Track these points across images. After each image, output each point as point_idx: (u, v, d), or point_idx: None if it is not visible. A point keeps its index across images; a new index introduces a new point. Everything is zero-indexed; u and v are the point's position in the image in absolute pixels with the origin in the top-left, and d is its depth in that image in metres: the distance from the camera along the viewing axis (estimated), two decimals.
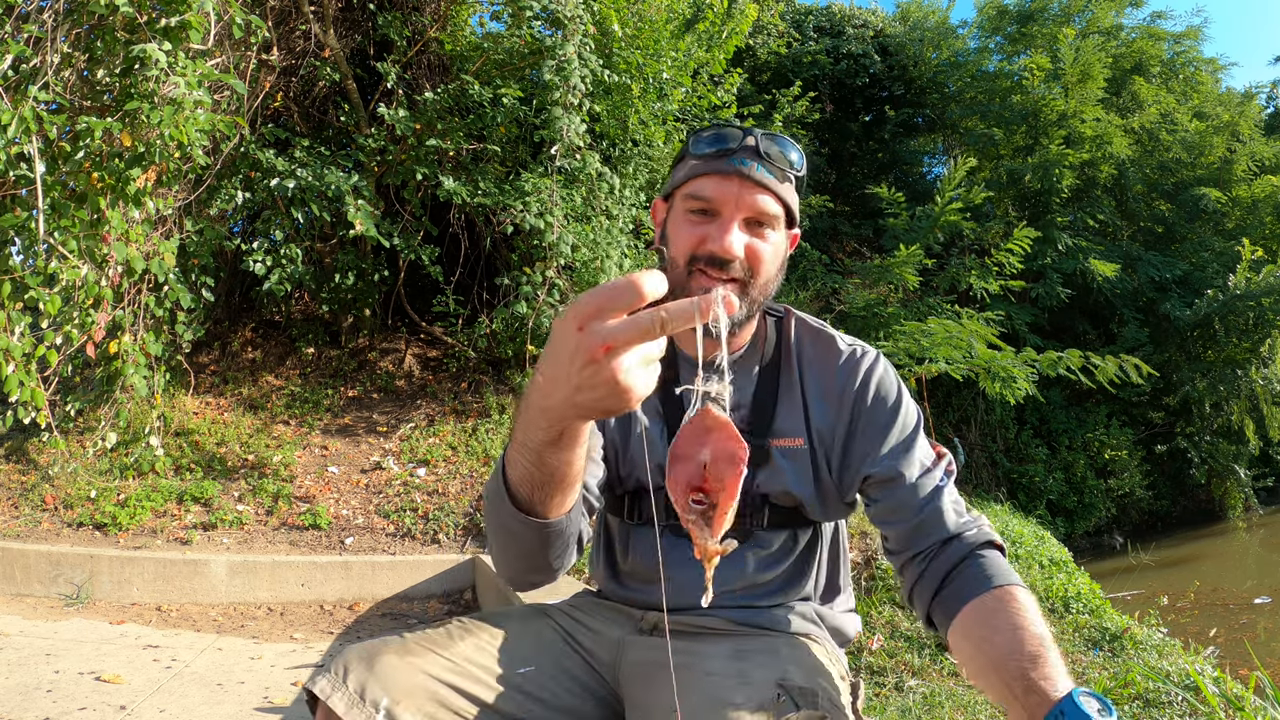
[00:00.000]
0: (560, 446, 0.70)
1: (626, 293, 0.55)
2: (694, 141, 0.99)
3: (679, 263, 0.98)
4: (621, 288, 0.55)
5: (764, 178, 0.95)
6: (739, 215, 0.95)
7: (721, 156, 0.96)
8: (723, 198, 0.95)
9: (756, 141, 0.96)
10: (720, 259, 0.94)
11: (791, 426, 1.02)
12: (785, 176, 0.97)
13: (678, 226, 0.99)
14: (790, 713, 0.84)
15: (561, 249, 4.22)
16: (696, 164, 0.98)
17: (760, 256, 0.96)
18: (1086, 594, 3.49)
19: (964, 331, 5.09)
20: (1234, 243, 8.18)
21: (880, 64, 9.37)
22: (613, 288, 0.55)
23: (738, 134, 0.97)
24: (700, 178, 0.97)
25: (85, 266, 3.05)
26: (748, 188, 0.95)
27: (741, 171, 0.95)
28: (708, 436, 0.59)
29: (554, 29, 4.48)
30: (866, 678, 2.55)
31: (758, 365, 1.05)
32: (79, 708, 2.26)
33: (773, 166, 0.96)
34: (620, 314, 0.56)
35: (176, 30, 3.03)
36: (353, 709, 0.83)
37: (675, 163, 1.04)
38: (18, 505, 3.75)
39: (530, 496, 0.78)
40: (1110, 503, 7.62)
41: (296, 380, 5.09)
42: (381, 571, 3.52)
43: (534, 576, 0.91)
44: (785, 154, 0.97)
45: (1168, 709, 2.31)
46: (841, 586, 1.12)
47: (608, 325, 0.56)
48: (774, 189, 0.96)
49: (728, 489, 0.58)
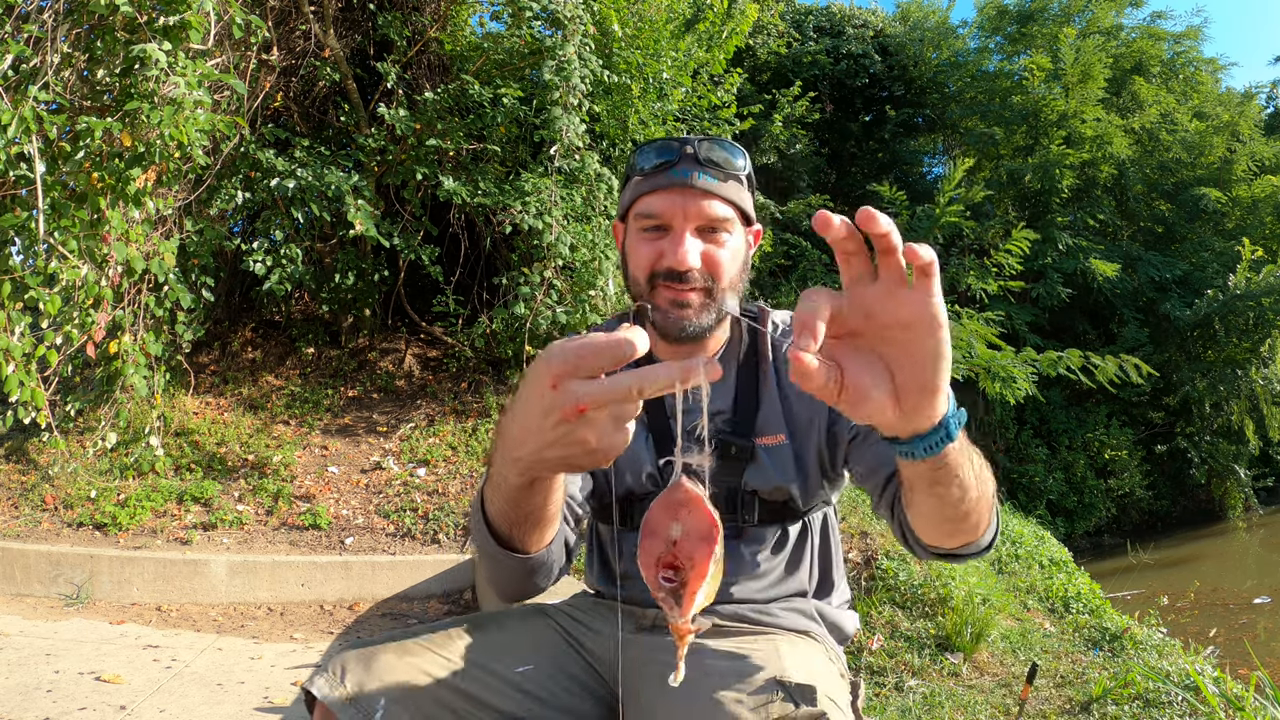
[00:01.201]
0: (534, 491, 0.70)
1: (608, 353, 0.52)
2: (637, 158, 1.01)
3: (640, 281, 0.99)
4: (602, 347, 0.52)
5: (707, 184, 0.96)
6: (689, 225, 0.96)
7: (662, 170, 0.97)
8: (670, 211, 0.97)
9: (696, 150, 0.97)
10: (677, 272, 0.96)
11: (773, 424, 1.03)
12: (729, 177, 0.98)
13: (634, 246, 1.01)
14: (789, 710, 0.84)
15: (560, 249, 4.22)
16: (640, 181, 1.00)
17: (718, 262, 0.98)
18: (1086, 594, 3.49)
19: (964, 331, 5.09)
20: (1234, 243, 8.18)
21: (880, 64, 9.37)
22: (593, 345, 0.52)
23: (676, 146, 0.98)
24: (647, 195, 0.99)
25: (85, 266, 3.05)
26: (693, 197, 0.96)
27: (685, 182, 0.96)
28: (680, 512, 0.57)
29: (554, 29, 4.48)
30: (866, 678, 2.55)
31: (735, 367, 1.07)
32: (79, 708, 2.26)
33: (716, 171, 0.97)
34: (598, 373, 0.53)
35: (176, 30, 3.03)
36: (350, 709, 0.83)
37: (624, 183, 1.05)
38: (18, 505, 3.75)
39: (509, 533, 0.78)
40: (1110, 503, 7.63)
41: (296, 380, 5.09)
42: (381, 571, 3.52)
43: (521, 595, 0.92)
44: (728, 156, 0.98)
45: (1168, 709, 2.31)
46: (836, 581, 1.12)
47: (583, 387, 0.53)
48: (719, 193, 0.97)
49: (698, 567, 0.55)
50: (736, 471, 1.03)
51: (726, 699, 0.85)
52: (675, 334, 0.98)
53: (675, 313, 0.97)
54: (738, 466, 1.02)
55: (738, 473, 1.03)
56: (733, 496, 1.03)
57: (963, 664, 2.64)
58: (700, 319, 0.98)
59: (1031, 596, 3.52)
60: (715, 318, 0.99)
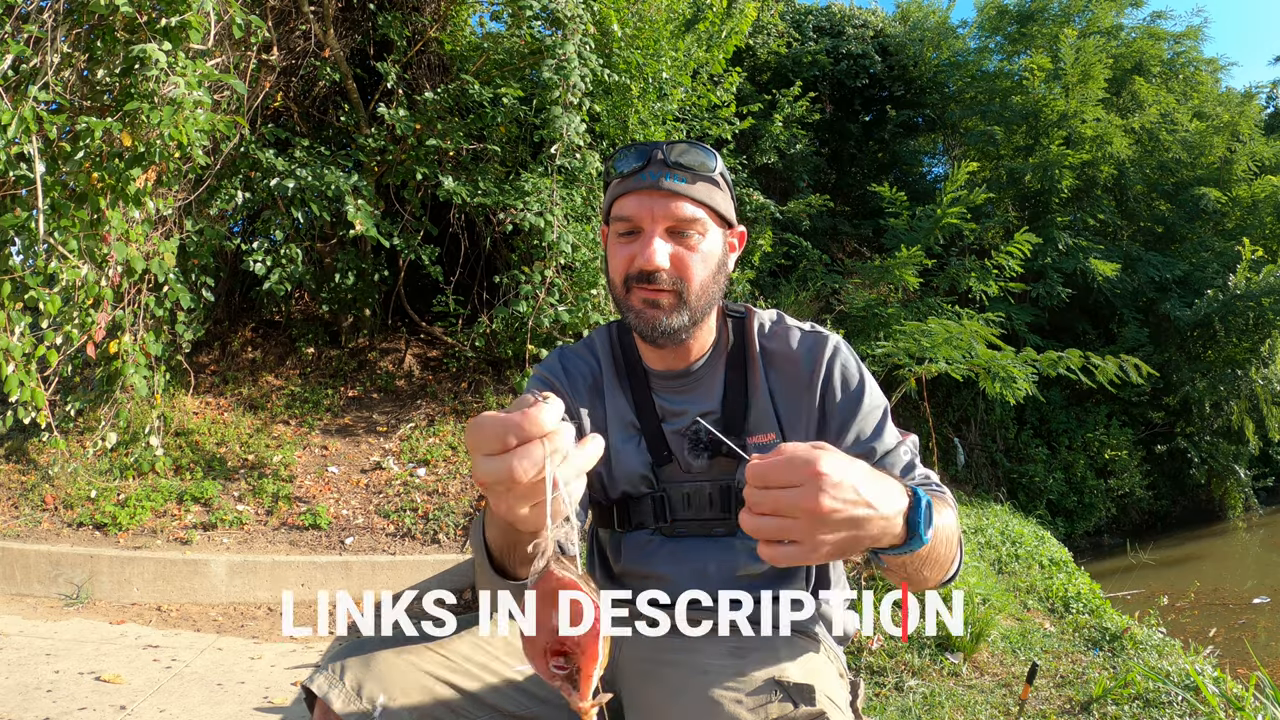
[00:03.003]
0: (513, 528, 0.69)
1: (486, 437, 0.54)
2: (613, 164, 1.04)
3: (617, 283, 1.03)
4: (489, 428, 0.54)
5: (676, 185, 0.99)
6: (658, 227, 0.99)
7: (635, 174, 1.00)
8: (640, 213, 0.99)
9: (664, 154, 0.99)
10: (647, 272, 0.98)
11: (765, 422, 1.05)
12: (699, 178, 1.00)
13: (612, 249, 1.04)
14: (788, 710, 0.84)
15: (562, 248, 4.22)
16: (616, 184, 1.03)
17: (687, 263, 0.99)
18: (1086, 594, 3.49)
19: (964, 331, 5.09)
20: (1234, 243, 8.18)
21: (880, 64, 9.36)
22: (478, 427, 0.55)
23: (647, 149, 1.00)
24: (621, 198, 1.02)
25: (85, 266, 3.05)
26: (661, 199, 0.99)
27: (655, 184, 0.98)
28: (556, 600, 0.56)
29: (554, 29, 4.48)
30: (866, 678, 2.54)
31: (723, 367, 1.08)
32: (79, 708, 2.26)
33: (684, 173, 0.99)
34: (494, 449, 0.54)
35: (176, 30, 3.03)
36: (350, 706, 0.83)
37: (605, 187, 1.08)
38: (18, 505, 3.75)
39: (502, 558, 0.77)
40: (1110, 503, 7.62)
41: (296, 380, 5.09)
42: (381, 571, 3.52)
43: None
44: (699, 157, 1.00)
45: (1168, 709, 2.31)
46: (834, 580, 1.12)
47: (479, 463, 0.55)
48: (688, 194, 0.99)
49: (588, 651, 0.55)
50: (729, 470, 1.03)
51: (725, 699, 0.85)
52: (649, 334, 1.01)
53: (649, 313, 0.99)
54: (730, 465, 1.03)
55: (731, 471, 1.04)
56: (726, 495, 1.04)
57: (963, 664, 2.64)
58: (672, 320, 0.99)
59: (1031, 596, 3.52)
60: (688, 319, 1.00)
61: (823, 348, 1.05)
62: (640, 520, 1.07)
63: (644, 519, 1.07)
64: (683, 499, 1.05)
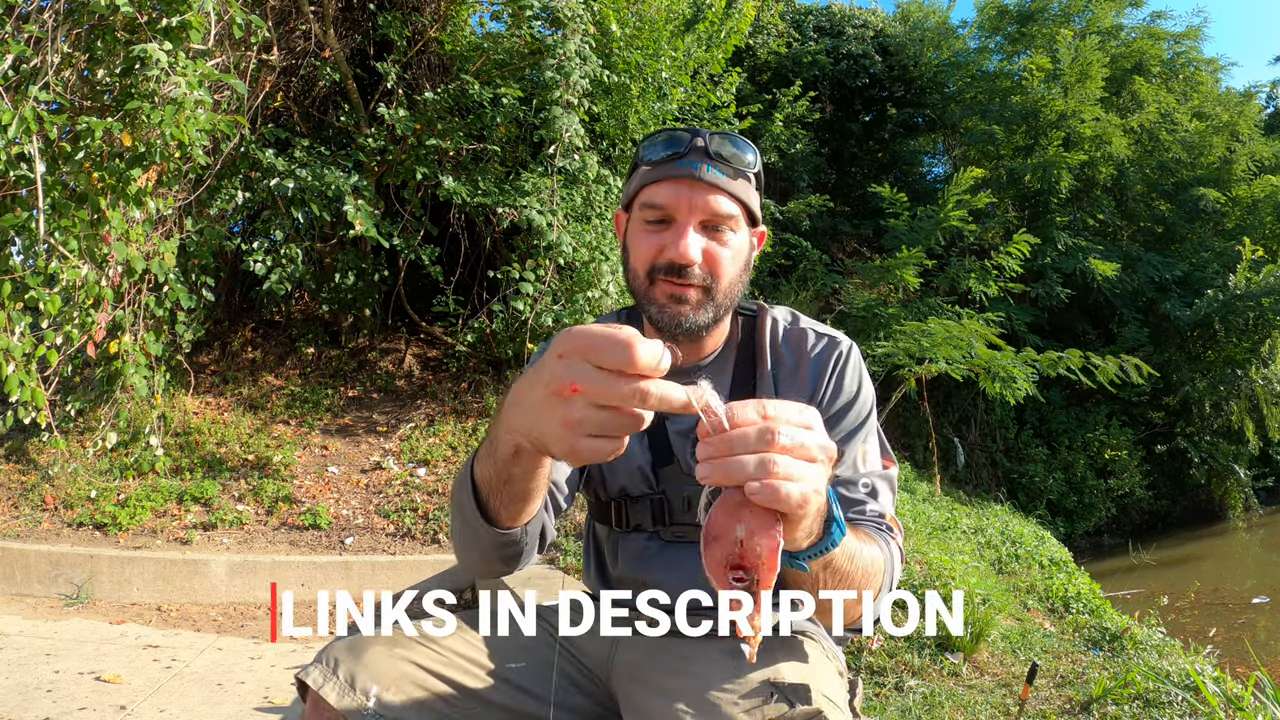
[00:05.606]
0: (518, 461, 0.70)
1: (615, 350, 0.51)
2: (645, 148, 0.98)
3: (640, 273, 0.97)
4: (614, 342, 0.51)
5: (716, 178, 0.93)
6: (694, 219, 0.94)
7: (671, 161, 0.94)
8: (675, 203, 0.94)
9: (706, 142, 0.94)
10: (678, 265, 0.93)
11: None
12: (739, 174, 0.96)
13: (636, 237, 0.98)
14: (784, 710, 0.84)
15: (563, 247, 4.22)
16: (648, 171, 0.96)
17: (719, 259, 0.95)
18: (1086, 594, 3.50)
19: (964, 332, 5.09)
20: (1234, 243, 8.18)
21: (880, 64, 9.36)
22: (607, 337, 0.52)
23: (686, 137, 0.95)
24: (653, 185, 0.95)
25: (85, 266, 3.05)
26: (700, 190, 0.93)
27: (693, 174, 0.93)
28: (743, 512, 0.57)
29: (554, 29, 4.48)
30: (866, 678, 2.54)
31: (732, 366, 1.06)
32: (79, 708, 2.26)
33: (725, 166, 0.94)
34: (608, 365, 0.52)
35: (177, 30, 3.04)
36: (344, 698, 0.84)
37: (630, 171, 1.02)
38: (18, 505, 3.75)
39: (488, 498, 0.78)
40: (1110, 503, 7.63)
41: (296, 380, 5.09)
42: (381, 571, 3.52)
43: (482, 570, 0.91)
44: (738, 152, 0.96)
45: (1168, 709, 2.31)
46: None
47: (583, 369, 0.52)
48: (727, 189, 0.94)
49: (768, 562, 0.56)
50: None
51: (721, 700, 0.85)
52: (671, 330, 0.96)
53: (673, 307, 0.95)
54: None
55: None
56: None
57: (963, 664, 2.64)
58: (697, 316, 0.95)
59: (1031, 596, 3.52)
60: (712, 316, 0.97)
61: (834, 352, 1.03)
62: (638, 522, 1.06)
63: (642, 521, 1.06)
64: (682, 502, 1.04)
